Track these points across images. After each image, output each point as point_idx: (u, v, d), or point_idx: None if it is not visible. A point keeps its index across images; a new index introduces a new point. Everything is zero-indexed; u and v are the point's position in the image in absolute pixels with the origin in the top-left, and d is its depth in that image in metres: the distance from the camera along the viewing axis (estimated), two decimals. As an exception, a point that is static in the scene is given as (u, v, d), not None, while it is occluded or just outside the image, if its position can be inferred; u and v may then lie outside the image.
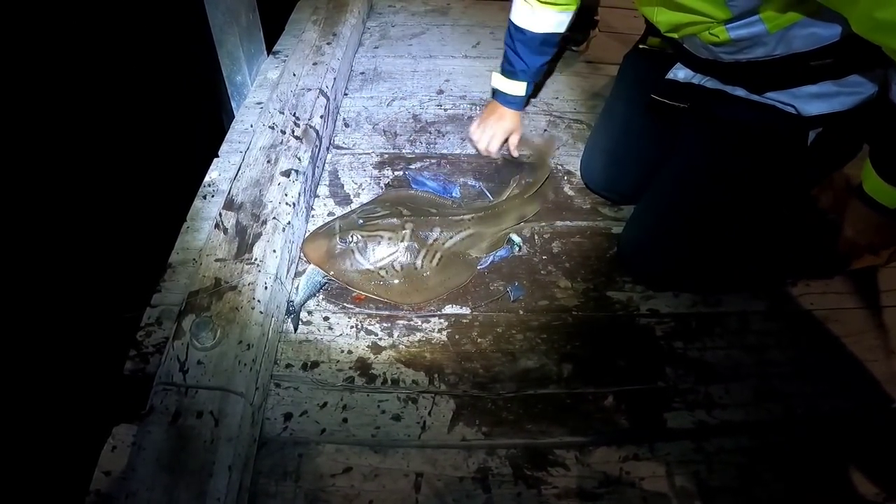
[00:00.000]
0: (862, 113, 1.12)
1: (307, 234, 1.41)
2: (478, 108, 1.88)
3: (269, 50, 1.97)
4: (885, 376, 1.25)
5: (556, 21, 1.49)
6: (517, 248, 1.44)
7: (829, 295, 1.40)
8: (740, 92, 1.23)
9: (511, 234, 1.46)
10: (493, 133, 1.65)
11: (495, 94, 1.66)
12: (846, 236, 1.17)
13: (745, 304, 1.37)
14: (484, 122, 1.66)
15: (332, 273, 1.32)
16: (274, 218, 1.27)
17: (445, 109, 1.88)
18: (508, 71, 1.61)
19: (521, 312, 1.32)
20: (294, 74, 1.71)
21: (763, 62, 1.11)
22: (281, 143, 1.46)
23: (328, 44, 1.88)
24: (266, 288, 1.15)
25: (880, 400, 1.22)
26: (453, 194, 1.55)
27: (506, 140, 1.67)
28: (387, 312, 1.30)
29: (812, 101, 1.13)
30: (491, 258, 1.41)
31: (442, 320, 1.29)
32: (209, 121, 1.93)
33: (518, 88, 1.62)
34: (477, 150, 1.69)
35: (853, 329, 1.34)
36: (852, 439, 1.16)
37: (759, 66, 1.12)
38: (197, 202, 1.39)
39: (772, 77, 1.15)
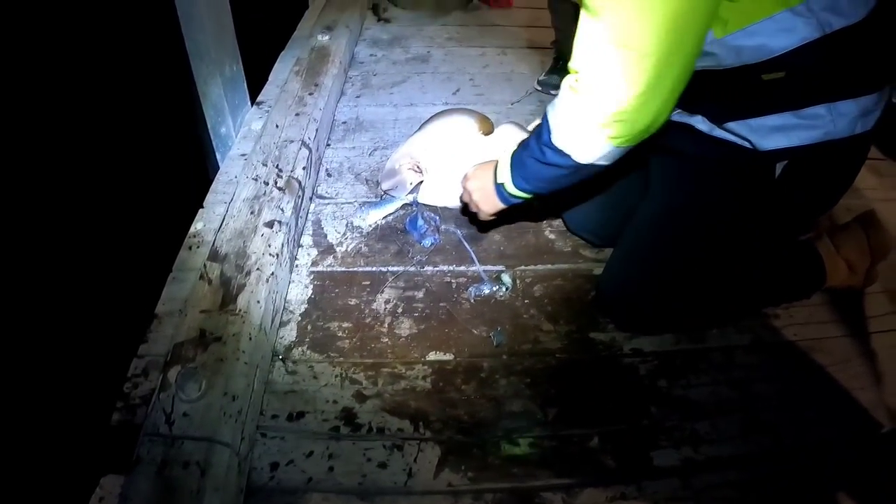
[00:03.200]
0: (835, 152, 1.15)
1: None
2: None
3: (253, 100, 2.05)
4: (873, 403, 1.31)
5: None
6: (504, 289, 1.50)
7: (813, 325, 1.47)
8: (702, 126, 1.25)
9: (502, 274, 1.53)
10: None
11: None
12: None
13: (728, 338, 1.43)
14: None
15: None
16: (258, 269, 1.32)
17: (427, 158, 1.96)
18: None
19: (505, 357, 1.37)
20: (277, 126, 1.79)
21: (717, 72, 1.12)
22: (264, 194, 1.53)
23: (310, 94, 1.97)
24: (251, 339, 1.20)
25: (868, 427, 1.27)
26: (424, 243, 1.64)
27: None
28: (371, 361, 1.35)
29: (771, 134, 1.15)
30: (474, 290, 1.49)
31: (426, 367, 1.34)
32: (195, 171, 1.99)
33: None
34: None
35: (838, 357, 1.40)
36: (841, 467, 1.20)
37: (714, 77, 1.12)
38: (182, 252, 1.44)
39: (729, 96, 1.16)
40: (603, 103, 1.00)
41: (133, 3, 2.80)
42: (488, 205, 1.38)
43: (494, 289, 1.50)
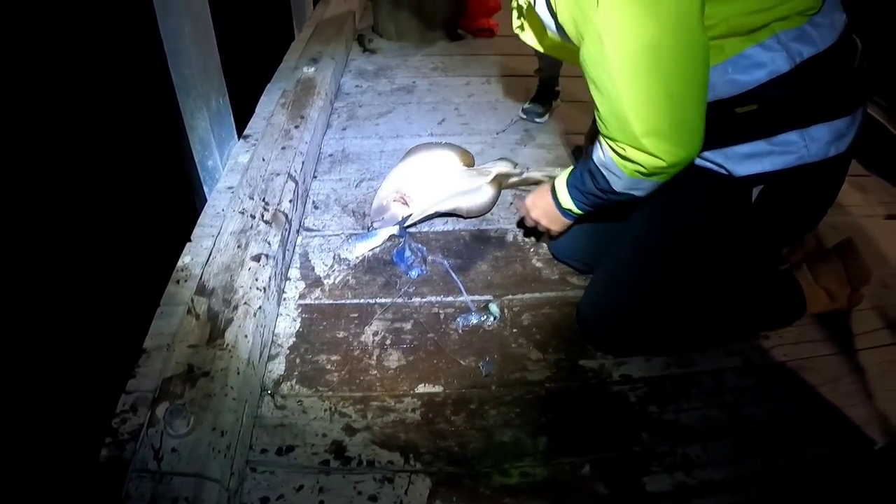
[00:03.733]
0: (811, 174, 1.18)
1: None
2: (445, 185, 2.00)
3: (240, 133, 2.08)
4: (864, 419, 1.32)
5: None
6: (492, 319, 1.52)
7: (803, 344, 1.49)
8: None
9: (490, 304, 1.55)
10: None
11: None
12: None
13: (718, 361, 1.45)
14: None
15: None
16: (245, 303, 1.34)
17: (413, 188, 1.99)
18: None
19: (494, 387, 1.38)
20: (263, 159, 1.82)
21: None
22: (251, 227, 1.55)
23: (296, 127, 2.00)
24: (239, 373, 1.21)
25: (861, 444, 1.29)
26: (410, 274, 1.66)
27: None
28: (360, 394, 1.36)
29: (743, 161, 1.19)
30: (462, 320, 1.51)
31: (415, 400, 1.35)
32: (183, 205, 2.02)
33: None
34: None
35: (829, 376, 1.42)
36: (835, 485, 1.22)
37: None
38: (170, 287, 1.46)
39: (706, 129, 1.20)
40: (645, 162, 1.12)
41: (119, 37, 2.84)
42: (558, 225, 1.50)
43: (482, 318, 1.52)
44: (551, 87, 2.39)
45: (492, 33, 3.20)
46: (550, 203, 1.45)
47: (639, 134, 1.08)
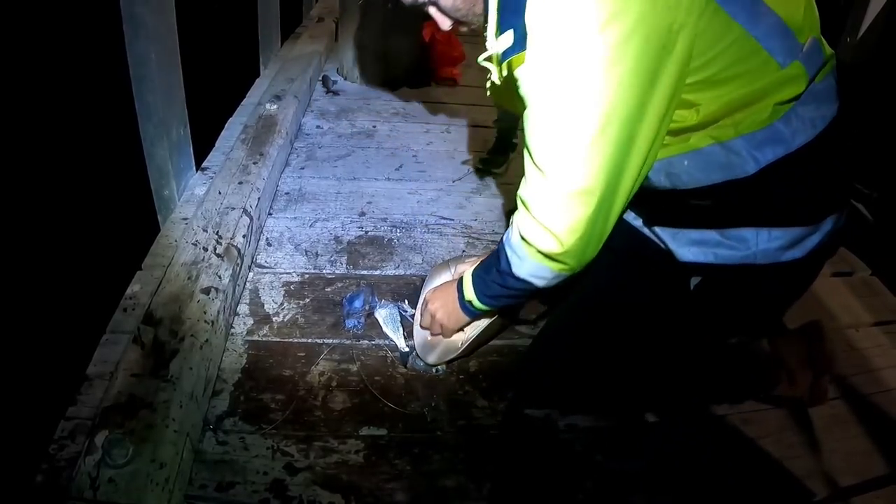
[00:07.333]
0: (757, 275, 1.13)
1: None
2: (398, 230, 2.06)
3: (198, 165, 2.10)
4: (806, 472, 1.38)
5: None
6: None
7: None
8: (635, 222, 1.30)
9: None
10: None
11: None
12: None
13: (664, 413, 1.49)
14: None
15: None
16: (192, 335, 1.35)
17: (366, 231, 2.04)
18: None
19: (439, 433, 1.41)
20: (220, 192, 1.84)
21: (650, 191, 1.14)
22: (203, 260, 1.57)
23: (255, 163, 2.04)
24: (181, 406, 1.21)
25: (802, 496, 1.34)
26: (346, 322, 1.66)
27: None
28: (303, 433, 1.37)
29: (689, 246, 1.16)
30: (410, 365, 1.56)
31: (359, 442, 1.37)
32: (135, 232, 2.01)
33: None
34: None
35: (773, 428, 1.47)
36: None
37: (647, 193, 1.14)
38: (117, 314, 1.46)
39: (659, 207, 1.20)
40: (553, 248, 1.09)
41: (85, 59, 2.86)
42: (453, 321, 1.45)
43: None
44: (509, 138, 2.45)
45: (454, 83, 3.29)
46: (454, 296, 1.42)
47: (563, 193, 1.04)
